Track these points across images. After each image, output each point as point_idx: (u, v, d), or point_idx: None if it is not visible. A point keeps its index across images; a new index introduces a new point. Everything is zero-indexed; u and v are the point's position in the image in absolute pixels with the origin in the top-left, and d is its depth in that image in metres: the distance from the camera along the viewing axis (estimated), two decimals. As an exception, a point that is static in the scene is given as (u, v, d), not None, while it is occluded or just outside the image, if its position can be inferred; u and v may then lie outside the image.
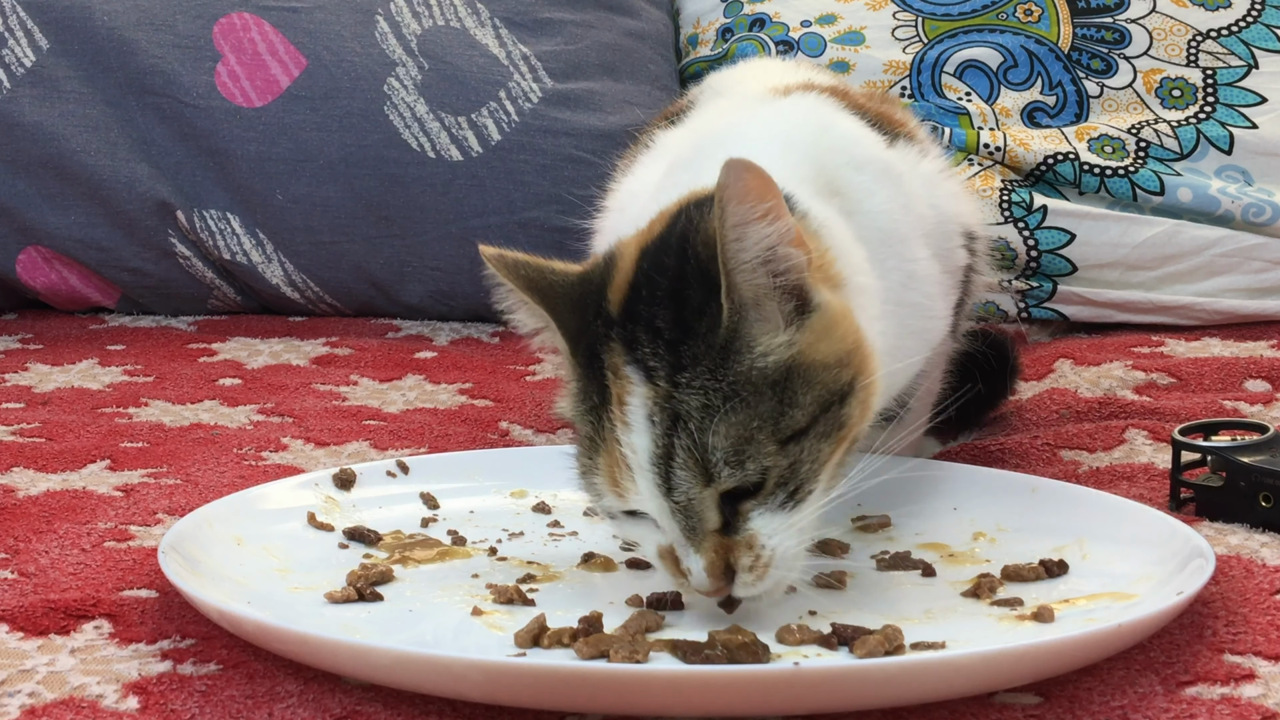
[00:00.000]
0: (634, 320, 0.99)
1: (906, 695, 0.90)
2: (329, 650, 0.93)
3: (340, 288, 1.98)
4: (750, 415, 0.96)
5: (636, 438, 0.98)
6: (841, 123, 1.21)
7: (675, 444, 0.97)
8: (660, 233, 1.02)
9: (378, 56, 1.98)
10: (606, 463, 0.99)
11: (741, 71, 1.47)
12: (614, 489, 0.99)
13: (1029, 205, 1.88)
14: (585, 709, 0.89)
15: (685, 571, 0.99)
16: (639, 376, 0.98)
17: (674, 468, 0.97)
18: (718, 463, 0.96)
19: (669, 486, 0.97)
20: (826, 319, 1.00)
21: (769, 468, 0.97)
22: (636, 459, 0.98)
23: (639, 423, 0.98)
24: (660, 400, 0.97)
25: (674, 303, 0.98)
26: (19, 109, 1.96)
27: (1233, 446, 1.23)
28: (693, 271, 0.98)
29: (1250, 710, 0.90)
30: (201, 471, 1.36)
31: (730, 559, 0.98)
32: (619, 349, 0.99)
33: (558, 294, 1.03)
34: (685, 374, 0.97)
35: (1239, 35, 1.99)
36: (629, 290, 1.00)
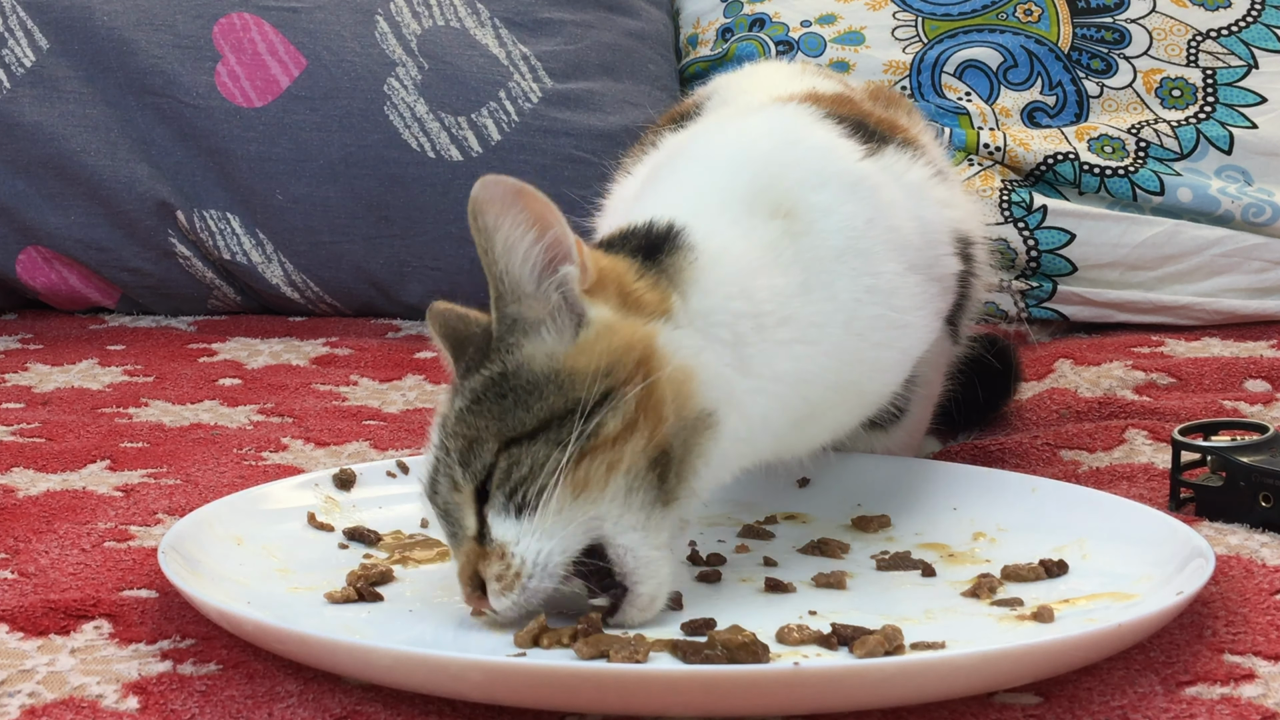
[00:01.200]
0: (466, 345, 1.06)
1: (906, 695, 0.90)
2: (329, 650, 0.93)
3: (340, 288, 1.98)
4: (485, 418, 1.00)
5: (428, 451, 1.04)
6: (811, 137, 1.20)
7: (441, 441, 1.02)
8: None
9: (378, 56, 1.98)
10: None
11: (747, 78, 1.47)
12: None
13: (1029, 205, 1.88)
14: (585, 709, 0.89)
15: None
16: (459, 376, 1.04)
17: (437, 473, 1.02)
18: (456, 463, 1.00)
19: (433, 490, 1.02)
20: (592, 332, 1.02)
21: (488, 466, 0.99)
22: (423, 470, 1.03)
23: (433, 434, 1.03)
24: (444, 410, 1.03)
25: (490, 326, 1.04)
26: (19, 109, 1.96)
27: (1233, 446, 1.23)
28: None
29: (1250, 710, 0.90)
30: (201, 471, 1.36)
31: (480, 566, 1.00)
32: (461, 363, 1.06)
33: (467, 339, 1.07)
34: (463, 382, 1.03)
35: (1239, 35, 1.99)
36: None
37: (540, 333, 1.01)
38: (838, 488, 1.24)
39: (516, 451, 0.99)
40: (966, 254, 1.27)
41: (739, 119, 1.25)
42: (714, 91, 1.42)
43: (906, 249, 1.17)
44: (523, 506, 0.98)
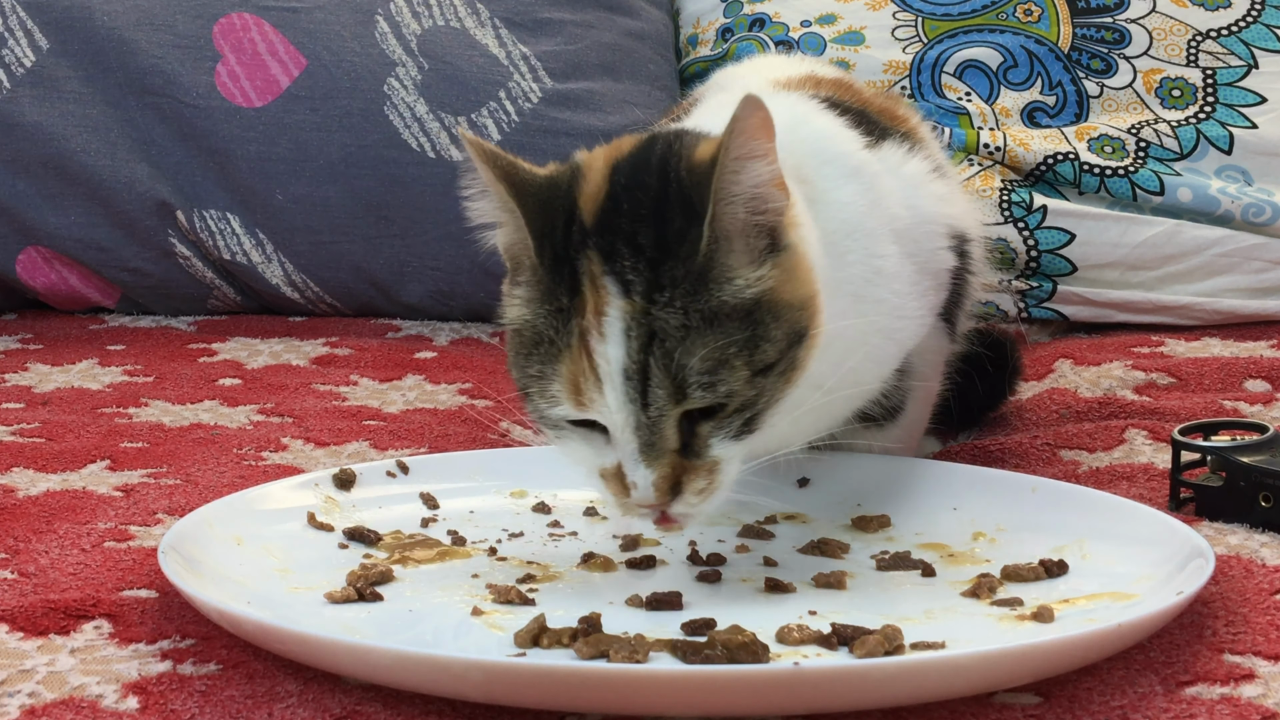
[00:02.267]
0: (613, 232, 1.01)
1: (906, 695, 0.90)
2: (329, 650, 0.93)
3: (340, 288, 1.98)
4: (727, 341, 0.99)
5: (611, 349, 0.99)
6: (815, 120, 1.21)
7: (650, 360, 0.99)
8: (634, 151, 1.04)
9: (378, 56, 1.98)
10: (570, 369, 1.00)
11: (745, 67, 1.47)
12: (574, 396, 1.01)
13: (1029, 205, 1.88)
14: (585, 709, 0.89)
15: (630, 485, 1.01)
16: (617, 289, 1.00)
17: (649, 383, 0.99)
18: (692, 382, 0.98)
19: (644, 401, 0.99)
20: (793, 261, 1.03)
21: (735, 393, 0.99)
22: (609, 369, 0.99)
23: (615, 334, 0.99)
24: (638, 315, 0.99)
25: (655, 222, 1.00)
26: (19, 109, 1.96)
27: (1232, 446, 1.23)
28: (675, 195, 1.00)
29: (1250, 710, 0.90)
30: (201, 471, 1.36)
31: (683, 479, 1.01)
32: (596, 258, 1.00)
33: (528, 190, 1.04)
34: (664, 293, 0.99)
35: (1239, 35, 1.99)
36: (605, 202, 1.02)
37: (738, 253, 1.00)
38: (838, 488, 1.24)
39: (761, 381, 1.00)
40: (962, 251, 1.27)
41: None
42: (713, 83, 1.42)
43: (903, 237, 1.18)
44: (747, 431, 1.01)
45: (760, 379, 1.00)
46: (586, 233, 1.01)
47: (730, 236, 1.00)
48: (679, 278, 0.99)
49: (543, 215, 1.03)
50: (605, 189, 1.02)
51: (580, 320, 1.00)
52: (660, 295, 0.99)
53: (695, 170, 1.01)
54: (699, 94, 1.42)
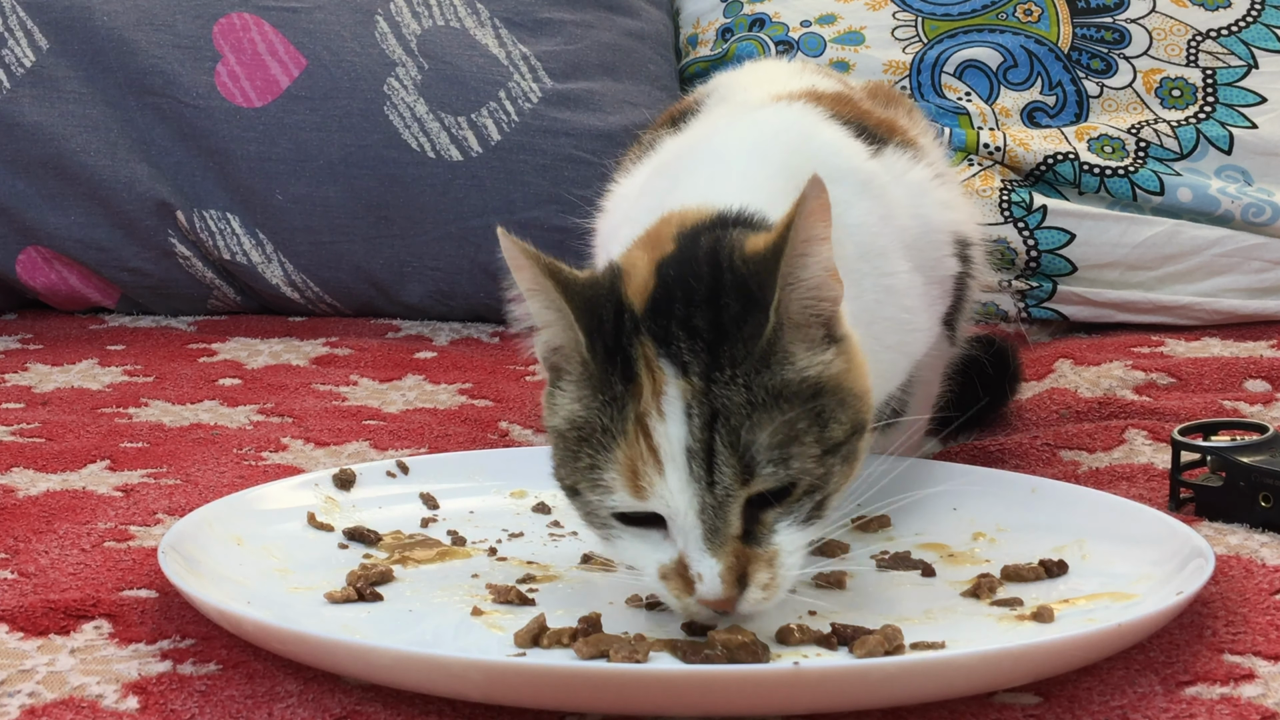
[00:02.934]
0: (666, 317, 0.97)
1: (906, 695, 0.90)
2: (329, 650, 0.93)
3: (340, 288, 1.98)
4: (796, 415, 0.96)
5: (672, 428, 0.95)
6: (821, 133, 1.20)
7: (715, 438, 0.94)
8: (679, 248, 1.01)
9: (377, 56, 1.98)
10: (626, 454, 0.96)
11: (747, 75, 1.47)
12: (631, 483, 0.96)
13: (1029, 205, 1.88)
14: (585, 709, 0.89)
15: (694, 578, 0.95)
16: (674, 370, 0.96)
17: (714, 462, 0.94)
18: (761, 459, 0.94)
19: (710, 480, 0.94)
20: (850, 351, 1.00)
21: (806, 471, 0.95)
22: (670, 449, 0.95)
23: (675, 413, 0.95)
24: (698, 394, 0.95)
25: (710, 308, 0.97)
26: (19, 109, 1.96)
27: (1232, 446, 1.23)
28: (730, 282, 0.97)
29: (1250, 710, 0.90)
30: (201, 471, 1.36)
31: (748, 570, 0.96)
32: (650, 343, 0.97)
33: (573, 287, 1.00)
34: (724, 372, 0.95)
35: (1239, 35, 1.99)
36: (655, 292, 0.98)
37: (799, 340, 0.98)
38: (837, 488, 1.24)
39: (830, 461, 0.97)
40: (964, 255, 1.27)
41: (746, 115, 1.25)
42: (713, 89, 1.42)
43: (912, 249, 1.18)
44: (816, 516, 0.97)
45: (829, 459, 0.97)
46: (638, 321, 0.98)
47: (792, 324, 0.97)
48: (739, 358, 0.96)
49: (589, 311, 0.99)
50: (653, 282, 0.99)
51: (636, 405, 0.96)
52: (720, 374, 0.95)
53: (753, 258, 0.97)
54: (698, 96, 1.42)
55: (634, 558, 0.99)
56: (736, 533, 0.95)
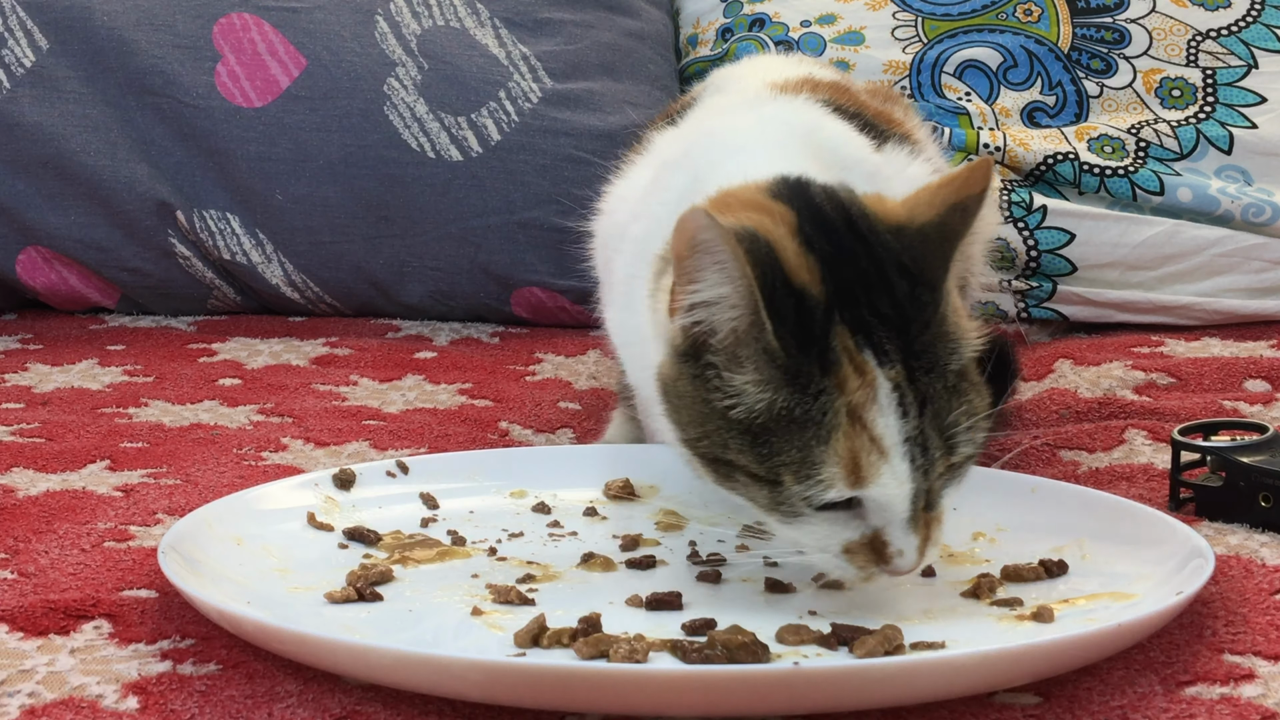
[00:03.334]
0: (852, 304, 0.98)
1: (906, 695, 0.90)
2: (329, 650, 0.93)
3: (340, 288, 1.98)
4: (974, 395, 1.00)
5: (893, 419, 0.97)
6: (828, 124, 1.21)
7: (925, 425, 0.98)
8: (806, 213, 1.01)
9: (377, 56, 1.98)
10: (847, 447, 0.96)
11: (743, 68, 1.47)
12: (851, 474, 0.97)
13: (1029, 205, 1.88)
14: (585, 709, 0.89)
15: (894, 554, 0.99)
16: (877, 360, 0.98)
17: (929, 447, 0.98)
18: (960, 440, 0.99)
19: (926, 465, 0.98)
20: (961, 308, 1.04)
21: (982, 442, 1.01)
22: (893, 439, 0.97)
23: (892, 405, 0.97)
24: (903, 382, 0.98)
25: (885, 290, 0.99)
26: (19, 109, 1.96)
27: (1232, 446, 1.23)
28: (888, 259, 1.00)
29: (1250, 710, 0.90)
30: (201, 471, 1.36)
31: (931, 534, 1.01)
32: (847, 333, 0.98)
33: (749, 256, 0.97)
34: (919, 360, 0.98)
35: (1239, 35, 1.99)
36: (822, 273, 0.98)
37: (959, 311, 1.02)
38: (838, 488, 1.24)
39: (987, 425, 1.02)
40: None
41: (750, 110, 1.25)
42: (709, 84, 1.42)
43: None
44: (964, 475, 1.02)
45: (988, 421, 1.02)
46: (827, 308, 0.98)
47: (952, 297, 1.01)
48: (927, 343, 0.99)
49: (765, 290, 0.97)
50: (812, 258, 0.99)
51: (845, 396, 0.97)
52: (915, 362, 0.98)
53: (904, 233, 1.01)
54: (695, 93, 1.42)
55: (820, 538, 1.01)
56: (923, 505, 1.00)
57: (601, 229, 1.30)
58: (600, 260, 1.31)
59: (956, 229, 1.00)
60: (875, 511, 0.99)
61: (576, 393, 1.65)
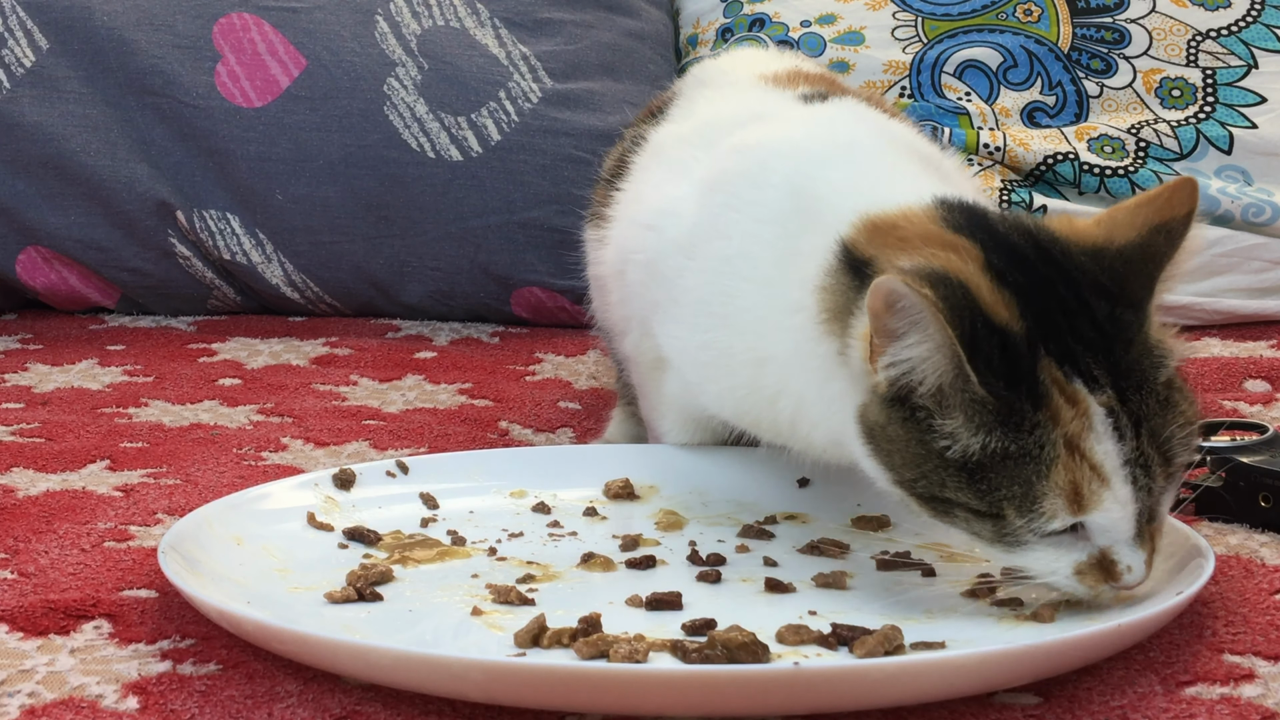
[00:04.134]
0: (1053, 335, 0.99)
1: (906, 695, 0.90)
2: (329, 650, 0.93)
3: (340, 288, 1.98)
4: (1184, 403, 1.01)
5: (1111, 444, 0.98)
6: (887, 122, 1.23)
7: (1143, 444, 0.98)
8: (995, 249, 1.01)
9: (377, 56, 1.98)
10: (1067, 478, 0.97)
11: (727, 61, 1.47)
12: (1073, 503, 0.97)
13: (1029, 205, 1.88)
14: (585, 709, 0.89)
15: (1124, 571, 0.99)
16: (1086, 388, 0.98)
17: (1150, 466, 0.98)
18: (1178, 453, 1.00)
19: (1149, 486, 0.98)
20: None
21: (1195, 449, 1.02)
22: (1114, 464, 0.97)
23: (1106, 430, 0.98)
24: (1115, 404, 0.98)
25: (1084, 315, 1.00)
26: (19, 109, 1.96)
27: (1232, 446, 1.23)
28: (1087, 282, 1.00)
29: (1250, 710, 0.90)
30: (201, 471, 1.36)
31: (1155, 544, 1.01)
32: (1053, 365, 0.98)
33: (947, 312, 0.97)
34: (1128, 381, 0.99)
35: (1239, 35, 1.99)
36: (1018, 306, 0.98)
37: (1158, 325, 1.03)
38: (837, 488, 1.24)
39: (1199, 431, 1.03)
40: None
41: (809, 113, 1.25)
42: (689, 77, 1.42)
43: None
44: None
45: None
46: (1030, 343, 0.98)
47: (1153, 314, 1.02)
48: (1133, 362, 1.00)
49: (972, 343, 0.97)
50: (1007, 294, 0.99)
51: (1060, 428, 0.97)
52: (1124, 383, 0.99)
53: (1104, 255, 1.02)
54: (676, 87, 1.42)
55: (1047, 564, 1.00)
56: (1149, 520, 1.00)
57: (648, 243, 1.25)
58: (641, 276, 1.26)
59: (1161, 251, 1.01)
60: (1099, 533, 0.99)
61: (576, 393, 1.65)
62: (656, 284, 1.22)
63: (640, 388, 1.33)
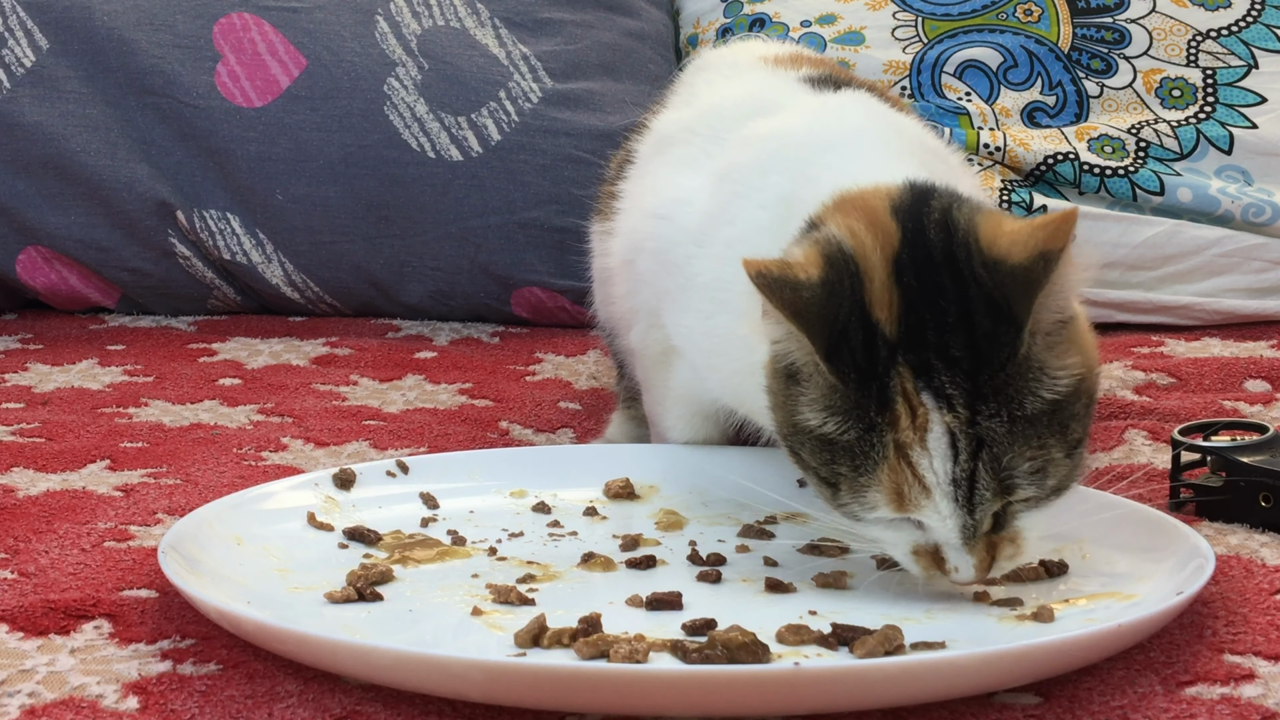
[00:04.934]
0: (921, 346, 0.99)
1: (906, 695, 0.90)
2: (329, 650, 0.93)
3: (340, 288, 1.98)
4: (1048, 434, 0.99)
5: (939, 462, 0.98)
6: (897, 115, 1.23)
7: (979, 467, 0.98)
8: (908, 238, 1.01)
9: (378, 56, 1.98)
10: (891, 479, 0.99)
11: (726, 49, 1.48)
12: (895, 502, 0.99)
13: (1029, 205, 1.88)
14: (585, 709, 0.89)
15: (951, 569, 1.01)
16: (935, 403, 0.98)
17: (977, 488, 0.99)
18: (1021, 482, 0.99)
19: (971, 505, 0.99)
20: (1078, 328, 1.02)
21: (1059, 478, 1.00)
22: (937, 480, 0.98)
23: (941, 448, 0.98)
24: (963, 427, 0.98)
25: (963, 329, 0.99)
26: (19, 109, 1.96)
27: (1232, 446, 1.23)
28: (978, 297, 0.99)
29: (1250, 710, 0.90)
30: (201, 471, 1.36)
31: (996, 553, 1.01)
32: (908, 374, 0.99)
33: (809, 307, 1.00)
34: (986, 403, 0.98)
35: (1239, 35, 1.99)
36: (902, 310, 0.99)
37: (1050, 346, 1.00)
38: (838, 488, 1.24)
39: (1077, 455, 1.01)
40: None
41: (820, 103, 1.25)
42: (688, 64, 1.43)
43: None
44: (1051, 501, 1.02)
45: (1075, 454, 1.01)
46: (893, 348, 0.99)
47: (1042, 335, 0.99)
48: (1000, 384, 0.98)
49: (829, 329, 1.00)
50: (896, 292, 1.00)
51: (895, 434, 0.98)
52: (982, 405, 0.98)
53: (999, 269, 0.99)
54: (681, 77, 1.42)
55: (885, 541, 1.04)
56: (987, 529, 1.00)
57: (660, 231, 1.26)
58: (652, 265, 1.27)
59: (1039, 278, 0.98)
60: (929, 529, 1.01)
61: (576, 393, 1.65)
62: (667, 272, 1.23)
63: (645, 382, 1.33)
